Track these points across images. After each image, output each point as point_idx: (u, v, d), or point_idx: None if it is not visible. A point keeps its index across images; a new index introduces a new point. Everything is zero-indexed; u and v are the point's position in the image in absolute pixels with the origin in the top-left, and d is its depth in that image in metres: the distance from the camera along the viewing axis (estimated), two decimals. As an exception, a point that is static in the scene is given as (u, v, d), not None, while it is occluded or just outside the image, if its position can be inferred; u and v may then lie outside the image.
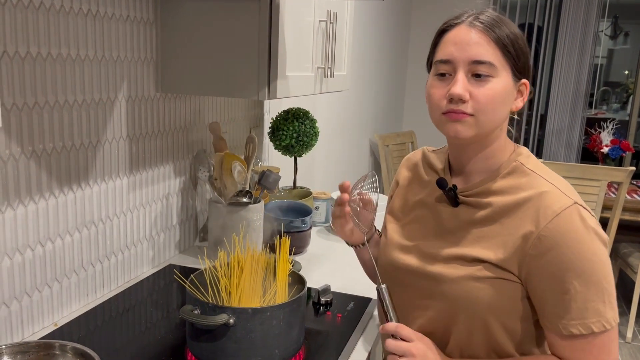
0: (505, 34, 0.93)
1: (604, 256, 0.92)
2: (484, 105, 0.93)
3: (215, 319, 0.98)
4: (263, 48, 1.34)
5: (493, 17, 0.95)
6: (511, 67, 0.95)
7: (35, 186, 1.13)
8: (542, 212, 0.92)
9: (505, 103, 0.96)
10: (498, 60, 0.93)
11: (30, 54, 1.08)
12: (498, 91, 0.94)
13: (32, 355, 0.96)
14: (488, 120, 0.95)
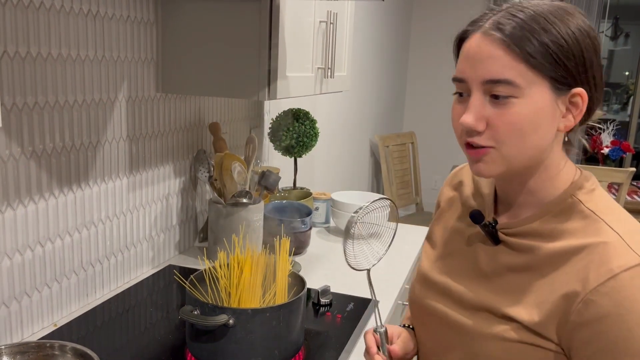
0: (536, 40, 0.72)
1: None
2: (505, 136, 0.75)
3: (215, 319, 0.98)
4: (263, 48, 1.34)
5: (521, 17, 0.74)
6: (549, 80, 0.73)
7: (35, 186, 1.13)
8: (594, 270, 0.72)
9: (539, 127, 0.74)
10: (523, 75, 0.72)
11: (30, 54, 1.08)
12: (525, 115, 0.73)
13: (32, 356, 0.96)
14: (515, 153, 0.76)
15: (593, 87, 0.76)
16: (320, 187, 2.91)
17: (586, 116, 0.78)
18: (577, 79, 0.74)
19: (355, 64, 3.33)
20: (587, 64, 0.74)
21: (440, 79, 4.37)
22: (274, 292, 1.14)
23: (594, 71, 0.75)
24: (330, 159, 3.14)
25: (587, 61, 0.74)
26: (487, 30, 0.75)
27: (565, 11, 0.75)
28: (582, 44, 0.74)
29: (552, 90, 0.74)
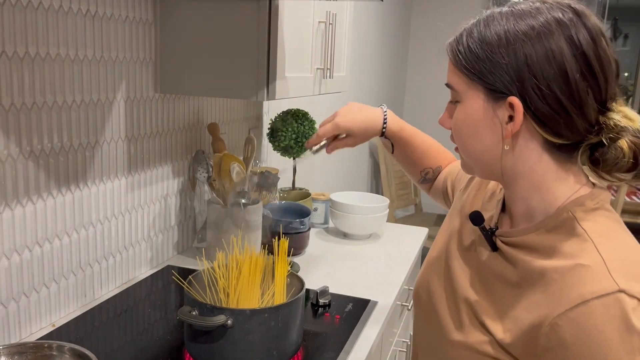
0: (466, 52, 0.74)
1: None
2: (454, 134, 0.81)
3: (214, 320, 0.98)
4: (262, 49, 1.34)
5: (468, 26, 0.77)
6: (483, 88, 0.74)
7: (33, 187, 1.13)
8: (567, 293, 0.68)
9: (475, 132, 0.76)
10: (459, 81, 0.77)
11: (28, 54, 1.08)
12: (461, 119, 0.78)
13: (30, 356, 0.96)
14: (464, 152, 0.81)
15: (538, 97, 0.70)
16: (319, 187, 2.90)
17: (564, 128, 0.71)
18: (511, 90, 0.71)
19: (354, 64, 3.33)
20: (525, 78, 0.70)
21: (440, 80, 4.36)
22: (272, 292, 1.14)
23: (540, 82, 0.69)
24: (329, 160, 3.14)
25: (525, 75, 0.70)
26: (451, 40, 0.80)
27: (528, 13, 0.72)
28: (518, 58, 0.70)
29: (487, 97, 0.74)
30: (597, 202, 0.75)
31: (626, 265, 0.68)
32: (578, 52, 0.68)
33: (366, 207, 1.89)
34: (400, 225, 2.12)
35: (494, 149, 0.76)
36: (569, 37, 0.69)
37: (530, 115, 0.71)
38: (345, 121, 1.16)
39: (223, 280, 1.11)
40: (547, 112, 0.70)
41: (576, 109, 0.70)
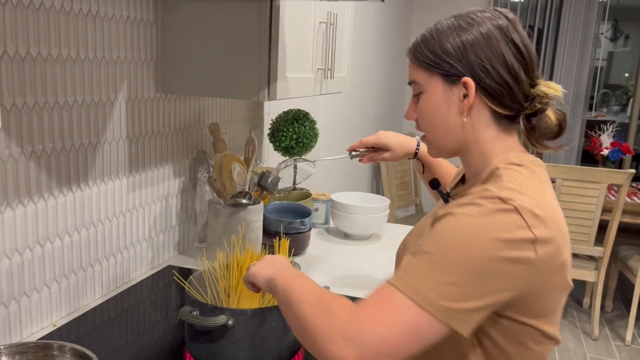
0: (422, 48, 0.91)
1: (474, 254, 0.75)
2: (422, 123, 0.96)
3: (214, 320, 0.98)
4: (263, 49, 1.34)
5: (423, 32, 0.94)
6: (440, 75, 0.90)
7: (34, 187, 1.13)
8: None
9: (438, 112, 0.91)
10: (421, 76, 0.92)
11: (30, 54, 1.08)
12: (425, 106, 0.93)
13: (31, 356, 0.96)
14: (432, 135, 0.95)
15: (486, 75, 0.86)
16: (320, 188, 2.91)
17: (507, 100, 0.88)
18: (464, 72, 0.87)
19: (355, 65, 3.33)
20: (474, 63, 0.86)
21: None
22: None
23: (486, 64, 0.86)
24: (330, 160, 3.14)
25: (472, 59, 0.87)
26: (410, 47, 0.95)
27: (466, 16, 0.90)
28: (465, 46, 0.87)
29: (444, 82, 0.90)
30: (521, 161, 0.88)
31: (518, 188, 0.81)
32: (510, 41, 0.87)
33: (367, 208, 1.89)
34: (401, 226, 2.12)
35: (454, 124, 0.91)
36: (502, 30, 0.88)
37: (480, 91, 0.88)
38: (386, 136, 1.35)
39: (224, 280, 1.12)
40: (493, 86, 0.87)
41: (514, 82, 0.87)
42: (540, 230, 0.78)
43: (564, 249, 0.83)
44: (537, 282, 0.79)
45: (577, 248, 3.19)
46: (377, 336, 0.74)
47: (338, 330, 0.77)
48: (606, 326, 3.56)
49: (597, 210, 3.08)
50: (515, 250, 0.76)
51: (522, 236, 0.76)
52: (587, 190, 3.07)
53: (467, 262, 0.75)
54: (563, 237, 0.83)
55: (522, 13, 4.72)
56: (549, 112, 0.91)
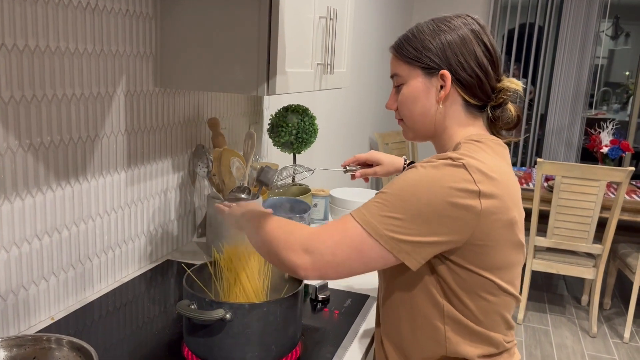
0: (404, 45, 1.04)
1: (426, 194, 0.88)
2: (401, 110, 1.07)
3: (212, 314, 0.98)
4: (263, 43, 1.34)
5: (406, 32, 1.06)
6: (420, 68, 1.02)
7: (32, 180, 1.13)
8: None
9: (417, 100, 1.03)
10: (403, 69, 1.04)
11: (28, 46, 1.08)
12: (406, 95, 1.04)
13: (28, 349, 0.96)
14: (410, 120, 1.06)
15: (460, 69, 0.99)
16: (319, 183, 2.90)
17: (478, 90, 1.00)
18: (442, 65, 1.00)
19: (355, 60, 3.32)
20: (451, 58, 0.99)
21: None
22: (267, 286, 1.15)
23: (460, 59, 0.99)
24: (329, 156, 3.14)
25: (449, 54, 0.99)
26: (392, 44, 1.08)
27: (444, 20, 1.03)
28: (443, 43, 1.00)
29: (424, 74, 1.02)
30: (480, 138, 1.00)
31: (470, 154, 0.93)
32: (481, 42, 1.01)
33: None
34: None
35: (430, 110, 1.03)
36: (475, 33, 1.01)
37: (455, 83, 1.00)
38: (378, 153, 1.50)
39: (222, 274, 1.12)
40: (466, 78, 1.00)
41: (484, 76, 1.00)
42: (485, 186, 0.89)
43: (512, 208, 0.93)
44: (484, 232, 0.90)
45: (576, 245, 3.20)
46: (329, 250, 0.91)
47: (299, 241, 0.93)
48: (604, 323, 3.56)
49: (596, 208, 3.08)
50: (460, 198, 0.88)
51: (468, 187, 0.88)
52: (587, 188, 3.07)
53: (414, 203, 0.88)
54: (511, 198, 0.94)
55: (522, 10, 4.71)
56: (510, 106, 1.04)
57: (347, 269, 0.92)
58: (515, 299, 1.01)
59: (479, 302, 0.96)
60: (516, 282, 1.01)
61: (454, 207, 0.87)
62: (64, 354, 0.96)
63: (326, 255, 0.91)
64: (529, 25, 4.74)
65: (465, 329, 0.98)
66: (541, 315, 3.63)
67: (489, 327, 0.99)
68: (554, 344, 3.28)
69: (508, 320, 1.02)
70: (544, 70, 4.82)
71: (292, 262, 0.93)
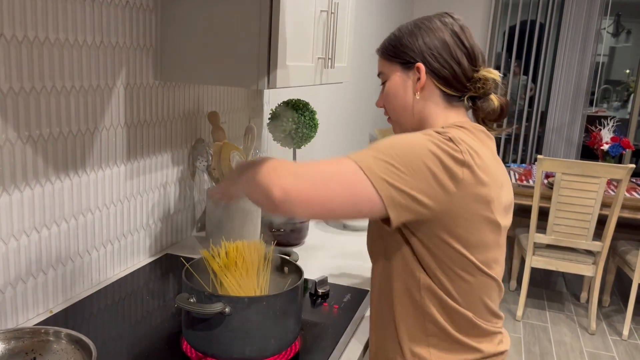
0: (386, 44, 1.12)
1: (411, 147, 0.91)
2: (386, 106, 1.12)
3: (211, 307, 0.98)
4: (263, 37, 1.33)
5: (391, 33, 1.12)
6: (399, 63, 1.09)
7: (31, 172, 1.12)
8: None
9: (397, 94, 1.09)
10: (386, 67, 1.11)
11: (27, 37, 1.07)
12: (388, 89, 1.11)
13: (26, 341, 0.96)
14: (394, 114, 1.11)
15: (433, 60, 1.05)
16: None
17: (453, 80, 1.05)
18: (417, 59, 1.06)
19: (355, 55, 3.32)
20: (424, 51, 1.05)
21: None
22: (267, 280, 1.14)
23: (433, 51, 1.05)
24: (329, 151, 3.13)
25: (424, 48, 1.05)
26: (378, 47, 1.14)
27: (423, 19, 1.08)
28: (418, 39, 1.06)
29: (402, 69, 1.08)
30: (462, 124, 1.03)
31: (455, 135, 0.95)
32: (454, 33, 1.05)
33: (366, 199, 1.88)
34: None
35: (409, 102, 1.08)
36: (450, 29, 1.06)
37: (430, 74, 1.05)
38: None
39: (221, 268, 1.11)
40: (440, 69, 1.05)
41: (458, 67, 1.04)
42: (469, 157, 0.92)
43: (492, 187, 0.95)
44: (458, 204, 0.92)
45: (576, 242, 3.19)
46: (319, 175, 0.86)
47: (289, 169, 0.87)
48: (603, 321, 3.57)
49: (596, 205, 3.07)
50: (448, 160, 0.90)
51: (455, 154, 0.91)
52: (587, 185, 3.06)
53: (407, 154, 0.89)
54: (495, 181, 0.96)
55: (524, 7, 4.70)
56: (493, 97, 1.07)
57: (331, 203, 0.86)
58: (496, 284, 1.03)
59: (456, 281, 0.98)
60: (495, 266, 1.02)
61: (441, 167, 0.89)
62: (62, 347, 0.95)
63: (316, 182, 0.85)
64: (530, 23, 4.73)
65: (445, 306, 1.00)
66: (540, 312, 3.63)
67: (469, 309, 1.01)
68: (552, 341, 3.28)
69: (490, 307, 1.04)
70: (545, 68, 4.81)
71: (272, 181, 0.84)
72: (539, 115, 4.90)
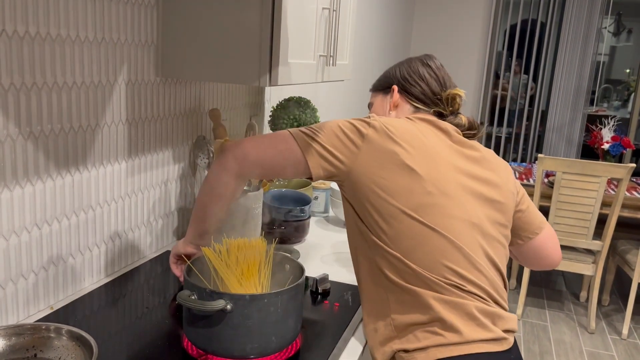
0: (375, 82, 1.38)
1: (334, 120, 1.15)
2: None
3: (213, 304, 0.97)
4: (265, 34, 1.33)
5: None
6: (381, 91, 1.34)
7: (32, 168, 1.12)
8: None
9: (379, 112, 1.33)
10: (373, 97, 1.38)
11: (29, 33, 1.07)
12: (373, 111, 1.36)
13: (27, 338, 0.96)
14: None
15: (405, 82, 1.29)
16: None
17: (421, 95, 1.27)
18: (393, 83, 1.31)
19: (357, 53, 3.31)
20: (399, 77, 1.30)
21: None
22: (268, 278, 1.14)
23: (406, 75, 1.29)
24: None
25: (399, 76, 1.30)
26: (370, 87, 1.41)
27: (408, 59, 1.33)
28: (396, 70, 1.32)
29: (382, 94, 1.34)
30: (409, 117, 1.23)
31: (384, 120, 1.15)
32: (426, 65, 1.29)
33: (367, 197, 1.88)
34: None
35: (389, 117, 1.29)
36: (422, 61, 1.31)
37: (403, 93, 1.29)
38: None
39: (223, 265, 1.11)
40: (411, 88, 1.28)
41: (426, 86, 1.27)
42: (377, 123, 1.12)
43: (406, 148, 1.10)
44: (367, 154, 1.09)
45: (576, 242, 3.19)
46: (261, 140, 1.12)
47: (245, 140, 1.14)
48: (603, 320, 3.57)
49: (596, 204, 3.07)
50: (357, 122, 1.12)
51: (363, 119, 1.13)
52: (587, 184, 3.06)
53: (325, 125, 1.13)
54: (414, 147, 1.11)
55: (525, 6, 4.70)
56: (461, 116, 1.25)
57: (266, 158, 1.11)
58: (439, 235, 1.06)
59: (390, 229, 1.07)
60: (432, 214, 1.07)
61: (350, 127, 1.11)
62: (63, 343, 0.95)
63: (257, 143, 1.12)
64: (531, 21, 4.72)
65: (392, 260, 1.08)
66: (540, 311, 3.63)
67: (413, 260, 1.06)
68: (552, 340, 3.28)
69: (445, 264, 1.06)
70: (546, 67, 4.80)
71: (231, 148, 1.13)
72: (539, 114, 4.90)
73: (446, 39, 4.72)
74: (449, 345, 1.02)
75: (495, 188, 1.17)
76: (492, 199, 1.15)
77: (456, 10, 4.65)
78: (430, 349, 1.03)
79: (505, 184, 1.20)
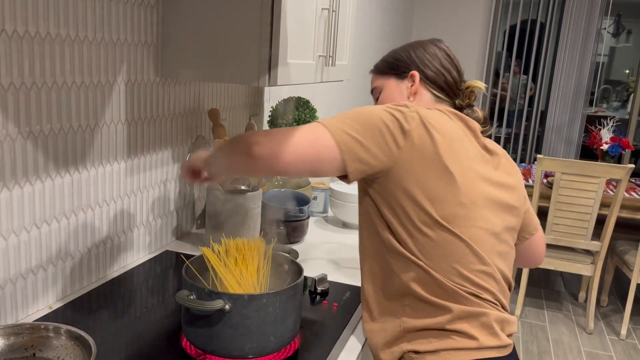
0: (380, 62, 1.28)
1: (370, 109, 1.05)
2: None
3: (211, 304, 0.98)
4: (265, 34, 1.33)
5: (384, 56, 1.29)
6: (394, 75, 1.24)
7: (31, 167, 1.12)
8: None
9: (394, 98, 1.23)
10: (380, 81, 1.27)
11: (28, 33, 1.07)
12: (384, 97, 1.25)
13: (26, 337, 0.96)
14: None
15: (426, 68, 1.21)
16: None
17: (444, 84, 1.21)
18: (411, 68, 1.22)
19: (356, 53, 3.31)
20: (417, 61, 1.21)
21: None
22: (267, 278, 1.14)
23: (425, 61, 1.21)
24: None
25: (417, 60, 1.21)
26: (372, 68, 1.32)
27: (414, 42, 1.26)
28: (411, 53, 1.23)
29: (397, 79, 1.24)
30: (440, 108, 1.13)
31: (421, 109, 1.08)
32: (442, 50, 1.23)
33: (366, 197, 1.88)
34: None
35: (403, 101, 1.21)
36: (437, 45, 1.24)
37: (424, 80, 1.21)
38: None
39: (221, 265, 1.11)
40: (432, 75, 1.21)
41: (447, 73, 1.21)
42: (423, 115, 1.04)
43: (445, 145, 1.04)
44: (408, 155, 1.01)
45: (575, 242, 3.20)
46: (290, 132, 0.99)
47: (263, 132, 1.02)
48: (601, 320, 3.57)
49: (595, 205, 3.08)
50: (396, 112, 1.03)
51: (405, 111, 1.04)
52: (586, 185, 3.07)
53: (362, 115, 1.02)
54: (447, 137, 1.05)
55: (524, 7, 4.70)
56: (476, 109, 1.22)
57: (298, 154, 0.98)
58: (465, 245, 1.03)
59: (416, 236, 1.03)
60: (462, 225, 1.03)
61: (390, 117, 1.02)
62: (62, 343, 0.95)
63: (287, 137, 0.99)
64: (530, 22, 4.73)
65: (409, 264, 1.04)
66: (538, 311, 3.63)
67: (436, 270, 1.03)
68: (550, 340, 3.28)
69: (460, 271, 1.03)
70: (545, 67, 4.81)
71: (252, 139, 1.00)
72: (538, 115, 4.91)
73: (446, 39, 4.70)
74: (462, 350, 1.02)
75: (512, 192, 1.15)
76: (509, 205, 1.14)
77: (456, 11, 4.65)
78: (442, 352, 1.02)
79: (520, 187, 1.19)
